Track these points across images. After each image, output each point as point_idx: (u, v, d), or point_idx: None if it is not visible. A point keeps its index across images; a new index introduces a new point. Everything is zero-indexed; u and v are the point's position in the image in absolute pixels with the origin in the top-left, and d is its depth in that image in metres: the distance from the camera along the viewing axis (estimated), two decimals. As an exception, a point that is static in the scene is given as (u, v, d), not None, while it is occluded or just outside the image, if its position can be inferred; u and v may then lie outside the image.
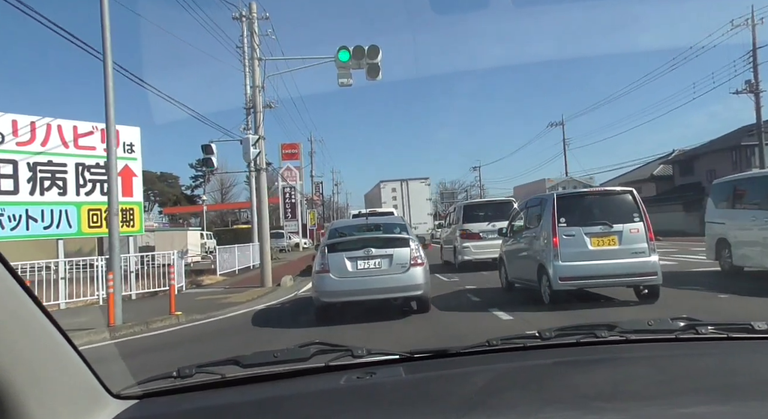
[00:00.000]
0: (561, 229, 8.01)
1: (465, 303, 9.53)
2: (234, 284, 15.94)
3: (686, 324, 1.61)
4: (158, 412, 1.26)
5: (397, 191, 46.38)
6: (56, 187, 12.34)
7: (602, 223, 8.02)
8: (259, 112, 14.63)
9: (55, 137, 12.32)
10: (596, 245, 7.94)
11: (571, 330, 1.63)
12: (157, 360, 6.45)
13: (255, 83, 14.59)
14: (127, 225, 13.52)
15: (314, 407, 1.24)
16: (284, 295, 12.60)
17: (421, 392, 1.30)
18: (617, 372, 1.37)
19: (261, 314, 9.86)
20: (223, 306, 10.76)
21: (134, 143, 13.82)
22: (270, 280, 14.43)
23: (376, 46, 13.49)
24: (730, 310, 7.41)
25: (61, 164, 12.45)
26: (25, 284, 0.96)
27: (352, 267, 8.01)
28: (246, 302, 11.32)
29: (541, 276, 8.32)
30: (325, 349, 1.50)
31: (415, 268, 8.06)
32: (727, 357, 1.45)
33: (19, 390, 0.92)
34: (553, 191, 10.05)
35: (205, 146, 14.09)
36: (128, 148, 13.69)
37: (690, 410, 1.06)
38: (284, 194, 46.46)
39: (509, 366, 1.46)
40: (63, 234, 12.37)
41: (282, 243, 38.89)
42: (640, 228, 7.99)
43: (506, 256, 10.49)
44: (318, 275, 8.10)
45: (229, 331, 8.52)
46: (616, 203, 8.34)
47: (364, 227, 9.15)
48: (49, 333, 1.02)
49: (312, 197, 53.47)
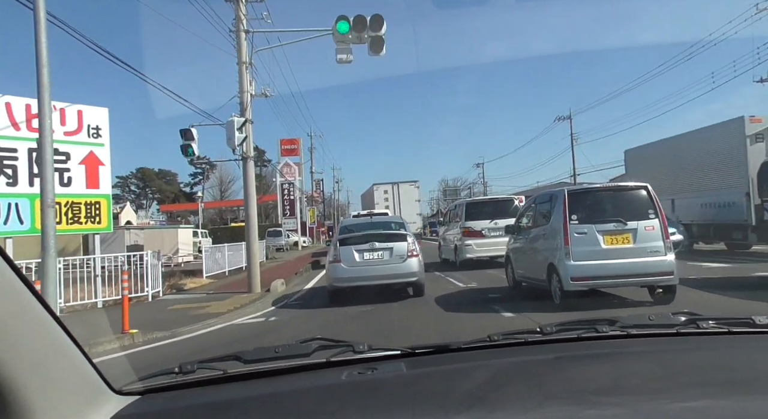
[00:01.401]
0: (572, 226, 7.73)
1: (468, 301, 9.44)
2: (219, 288, 14.03)
3: (687, 318, 1.62)
4: (160, 408, 1.26)
5: (388, 192, 47.91)
6: (4, 176, 10.28)
7: (616, 220, 7.73)
8: (246, 92, 12.62)
9: (2, 116, 10.23)
10: (609, 244, 7.69)
11: (573, 325, 1.63)
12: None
13: (241, 58, 12.53)
14: (93, 221, 11.54)
15: (316, 402, 1.24)
16: (271, 304, 10.51)
17: (422, 387, 1.29)
18: (618, 366, 1.36)
19: (234, 333, 7.81)
20: (196, 319, 8.79)
21: (101, 127, 11.83)
22: (258, 285, 12.47)
23: (379, 16, 11.58)
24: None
25: (10, 148, 10.45)
26: (27, 280, 0.95)
27: (359, 258, 9.66)
28: (225, 314, 9.35)
29: (551, 276, 8.08)
30: (326, 345, 1.50)
31: (412, 259, 9.71)
32: (728, 352, 1.45)
33: (22, 385, 0.92)
34: (563, 187, 9.64)
35: (184, 130, 12.02)
36: (94, 131, 11.69)
37: (691, 404, 1.05)
38: (283, 190, 44.36)
39: (510, 361, 1.46)
40: (12, 232, 10.29)
41: (280, 242, 37.02)
42: (656, 225, 7.71)
43: (513, 254, 10.22)
44: (331, 264, 9.85)
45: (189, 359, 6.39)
46: (630, 199, 8.04)
47: (369, 225, 10.78)
48: (51, 329, 1.02)
49: (312, 195, 51.36)
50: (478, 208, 16.22)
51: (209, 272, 17.26)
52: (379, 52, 12.12)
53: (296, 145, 49.95)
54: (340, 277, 9.69)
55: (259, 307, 10.53)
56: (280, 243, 37.64)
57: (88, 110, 11.77)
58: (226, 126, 12.16)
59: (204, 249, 17.87)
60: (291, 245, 40.10)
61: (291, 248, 39.20)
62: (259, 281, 12.84)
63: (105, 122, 12.12)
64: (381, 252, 9.73)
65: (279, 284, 13.24)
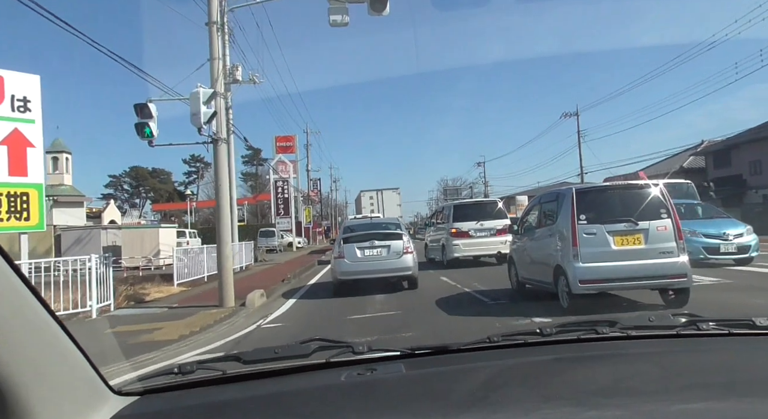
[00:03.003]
0: (581, 227, 7.46)
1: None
2: (186, 300, 11.61)
3: (687, 320, 1.62)
4: (159, 408, 1.26)
5: (374, 198, 52.45)
6: None
7: (626, 220, 7.46)
8: (217, 59, 9.94)
9: None
10: (620, 245, 7.42)
11: (572, 326, 1.64)
12: None
13: (211, 18, 9.87)
14: (17, 218, 8.94)
15: (315, 403, 1.24)
16: (242, 326, 7.94)
17: (421, 388, 1.29)
18: (618, 368, 1.37)
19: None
20: (132, 351, 6.23)
21: (30, 99, 9.19)
22: (231, 297, 9.91)
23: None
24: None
25: None
26: (27, 280, 0.95)
27: (360, 254, 10.81)
28: (175, 343, 6.84)
29: (558, 278, 7.83)
30: (325, 345, 1.50)
31: (407, 255, 10.87)
32: (728, 353, 1.46)
33: (22, 385, 0.91)
34: (572, 186, 9.60)
35: (139, 106, 9.36)
36: (20, 104, 8.99)
37: (691, 406, 1.05)
38: (276, 188, 41.62)
39: (510, 362, 1.46)
40: None
41: (273, 242, 34.58)
42: (668, 225, 7.44)
43: (517, 255, 9.91)
44: (336, 260, 11.04)
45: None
46: (642, 198, 7.69)
47: (369, 226, 12.13)
48: (51, 329, 1.02)
49: (308, 194, 48.64)
50: (464, 210, 17.02)
51: (183, 278, 14.68)
52: (382, 11, 9.97)
53: (292, 142, 47.66)
54: (344, 271, 10.79)
55: (224, 332, 8.00)
56: (273, 244, 35.17)
57: (11, 75, 9.21)
58: (190, 99, 9.51)
59: (175, 252, 15.16)
60: (285, 246, 37.42)
61: (285, 250, 36.52)
62: (232, 293, 10.25)
63: (36, 92, 9.56)
64: (380, 249, 10.82)
65: (257, 296, 10.60)
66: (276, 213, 42.16)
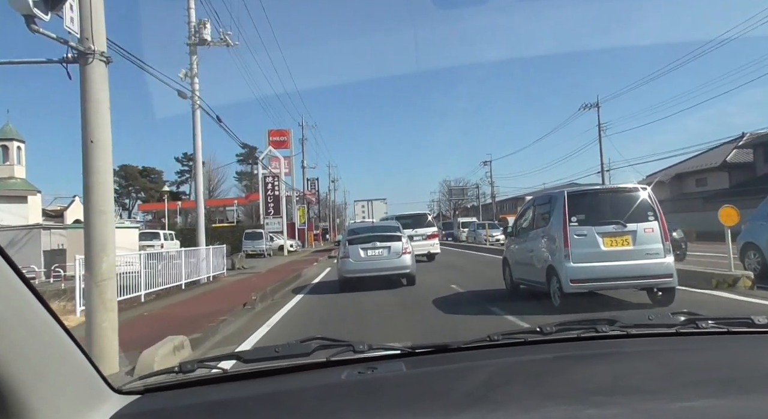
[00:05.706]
0: (572, 228, 7.55)
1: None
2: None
3: (687, 318, 1.60)
4: (160, 407, 1.23)
5: (365, 207, 58.56)
6: None
7: (615, 222, 7.57)
8: None
9: None
10: (609, 246, 7.52)
11: (572, 325, 1.61)
12: None
13: None
14: None
15: (316, 402, 1.21)
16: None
17: (422, 387, 1.27)
18: (618, 366, 1.36)
19: None
20: None
21: None
22: (114, 356, 4.76)
23: None
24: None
25: None
26: (27, 280, 0.93)
27: (363, 254, 11.85)
28: None
29: (551, 278, 7.95)
30: (326, 344, 1.47)
31: (405, 255, 11.92)
32: (728, 352, 1.44)
33: (22, 384, 0.89)
34: (563, 189, 9.52)
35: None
36: None
37: (690, 404, 1.02)
38: (266, 184, 36.65)
39: (510, 360, 1.44)
40: None
41: (260, 246, 29.50)
42: (655, 228, 7.56)
43: (511, 257, 10.07)
44: (341, 259, 12.18)
45: None
46: (630, 201, 7.80)
47: (372, 229, 13.43)
48: (51, 328, 0.99)
49: (304, 194, 43.69)
50: (403, 220, 18.31)
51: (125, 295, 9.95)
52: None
53: (286, 136, 43.08)
54: (349, 269, 11.83)
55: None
56: (260, 248, 30.19)
57: None
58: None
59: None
60: (276, 249, 32.40)
61: (276, 254, 31.54)
62: (116, 349, 5.16)
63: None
64: (381, 250, 11.89)
65: (167, 351, 5.53)
66: (265, 213, 37.06)
